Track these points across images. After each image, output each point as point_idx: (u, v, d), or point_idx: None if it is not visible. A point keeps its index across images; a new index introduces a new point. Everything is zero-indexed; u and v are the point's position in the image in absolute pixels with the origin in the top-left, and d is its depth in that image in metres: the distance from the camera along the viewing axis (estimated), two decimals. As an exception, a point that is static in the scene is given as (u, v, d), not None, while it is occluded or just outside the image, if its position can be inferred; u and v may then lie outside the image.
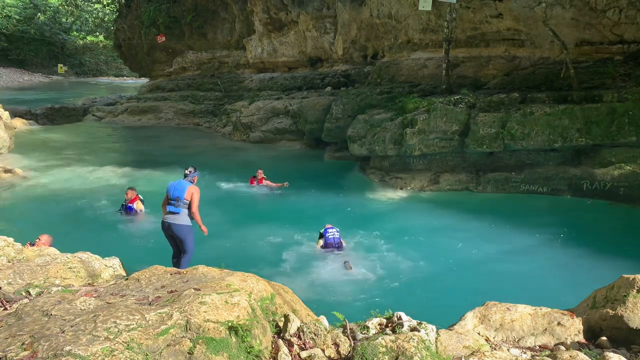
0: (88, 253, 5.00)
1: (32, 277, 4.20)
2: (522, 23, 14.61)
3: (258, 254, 8.66)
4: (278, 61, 24.36)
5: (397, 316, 3.65)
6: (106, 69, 64.11)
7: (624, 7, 12.84)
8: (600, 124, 11.66)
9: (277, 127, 19.84)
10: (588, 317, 3.88)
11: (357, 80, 20.77)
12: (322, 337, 3.32)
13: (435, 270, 8.10)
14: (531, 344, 3.68)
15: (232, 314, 3.04)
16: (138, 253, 8.17)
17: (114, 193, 12.54)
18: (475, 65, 16.09)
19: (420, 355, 2.95)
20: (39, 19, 55.84)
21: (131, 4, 30.21)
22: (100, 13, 60.05)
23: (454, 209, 11.29)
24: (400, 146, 13.11)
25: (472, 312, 3.95)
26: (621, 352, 3.38)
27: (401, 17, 17.45)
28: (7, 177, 13.45)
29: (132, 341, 2.66)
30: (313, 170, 15.62)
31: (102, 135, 23.31)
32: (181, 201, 6.65)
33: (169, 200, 6.71)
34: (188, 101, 26.73)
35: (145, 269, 3.95)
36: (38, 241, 7.26)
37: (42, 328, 2.82)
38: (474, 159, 13.00)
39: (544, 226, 9.88)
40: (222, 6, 26.22)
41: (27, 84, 48.65)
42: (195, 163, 8.49)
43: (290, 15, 22.23)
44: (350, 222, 10.47)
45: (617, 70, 13.22)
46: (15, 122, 21.84)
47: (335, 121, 16.69)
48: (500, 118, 12.49)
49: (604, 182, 11.46)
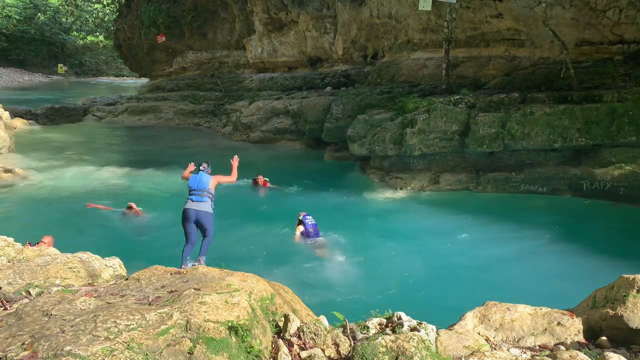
0: (88, 253, 5.00)
1: (32, 277, 4.20)
2: (522, 23, 14.61)
3: (258, 254, 8.66)
4: (278, 61, 24.37)
5: (397, 316, 3.66)
6: (106, 69, 64.11)
7: (624, 7, 12.84)
8: (600, 124, 11.66)
9: (277, 127, 19.85)
10: (588, 317, 3.88)
11: (357, 80, 20.77)
12: (322, 337, 3.32)
13: (435, 270, 8.10)
14: (531, 344, 3.68)
15: (232, 314, 3.04)
16: (138, 253, 8.17)
17: (114, 193, 12.56)
18: (475, 65, 16.08)
19: (420, 355, 2.95)
20: (39, 19, 55.84)
21: (131, 4, 30.22)
22: (100, 13, 60.05)
23: (454, 209, 11.28)
24: (400, 146, 13.11)
25: (472, 312, 3.95)
26: (621, 352, 3.38)
27: (401, 17, 17.45)
28: (7, 177, 13.45)
29: (132, 341, 2.66)
30: (313, 170, 15.62)
31: (102, 135, 23.30)
32: (207, 191, 7.14)
33: (193, 192, 7.14)
34: (188, 101, 26.74)
35: (145, 269, 3.95)
36: (41, 243, 7.29)
37: (42, 328, 2.82)
38: (474, 159, 13.00)
39: (544, 226, 9.87)
40: (222, 6, 26.22)
41: (27, 84, 48.65)
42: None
43: (290, 15, 22.23)
44: (351, 222, 10.47)
45: (617, 70, 13.22)
46: (16, 122, 21.84)
47: (335, 121, 16.69)
48: (500, 118, 12.49)
49: (604, 182, 11.46)
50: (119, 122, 26.67)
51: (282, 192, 12.88)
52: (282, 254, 8.60)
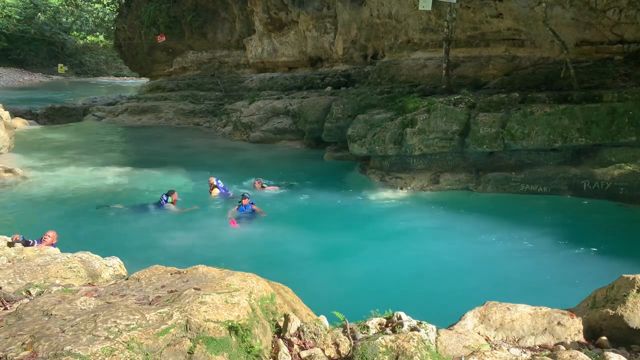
0: (88, 253, 4.99)
1: (32, 276, 4.20)
2: (522, 23, 14.61)
3: (258, 254, 8.66)
4: (278, 61, 24.37)
5: (397, 316, 3.65)
6: (106, 69, 64.11)
7: (624, 7, 12.84)
8: (600, 124, 11.66)
9: (277, 127, 19.84)
10: (588, 316, 3.88)
11: (357, 80, 20.77)
12: (322, 337, 3.32)
13: (435, 270, 8.10)
14: (531, 344, 3.68)
15: (232, 313, 3.04)
16: (138, 253, 8.17)
17: (114, 193, 12.56)
18: (475, 65, 16.08)
19: (420, 355, 2.95)
20: (39, 18, 55.85)
21: (131, 4, 30.22)
22: (100, 13, 60.07)
23: (454, 208, 11.28)
24: (400, 146, 13.11)
25: (472, 312, 3.95)
26: (621, 352, 3.38)
27: (401, 17, 17.45)
28: (7, 176, 13.45)
29: (132, 341, 2.66)
30: (313, 170, 15.61)
31: (102, 135, 23.29)
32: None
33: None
34: (188, 101, 26.74)
35: (145, 269, 3.94)
36: (46, 237, 7.32)
37: (43, 328, 2.82)
38: (474, 159, 13.00)
39: (544, 226, 9.87)
40: (222, 6, 26.23)
41: (28, 83, 48.65)
42: (196, 163, 8.49)
43: (290, 15, 22.24)
44: (351, 221, 10.47)
45: (617, 70, 13.22)
46: (16, 122, 21.85)
47: (335, 121, 16.69)
48: (500, 118, 12.49)
49: (604, 182, 11.46)
50: (119, 122, 26.67)
51: (282, 192, 12.88)
52: (282, 254, 8.60)
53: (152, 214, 10.75)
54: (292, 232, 9.66)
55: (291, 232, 9.62)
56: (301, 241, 9.25)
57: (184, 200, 11.55)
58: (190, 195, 12.26)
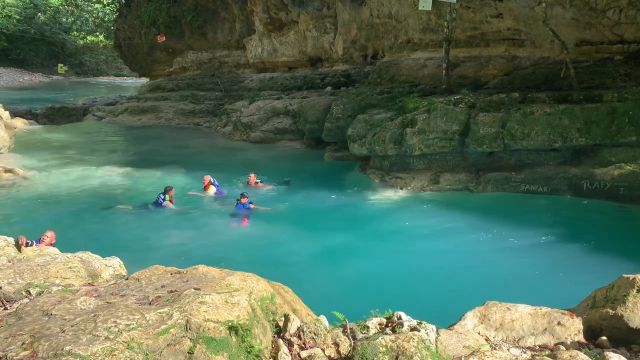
0: (88, 253, 4.99)
1: (32, 276, 4.20)
2: (522, 23, 14.61)
3: (258, 254, 8.66)
4: (278, 61, 24.37)
5: (397, 316, 3.65)
6: (106, 69, 64.11)
7: (624, 7, 12.84)
8: (600, 124, 11.66)
9: (277, 127, 19.84)
10: (588, 316, 3.88)
11: (357, 80, 20.77)
12: (322, 337, 3.32)
13: (435, 270, 8.10)
14: (531, 344, 3.68)
15: (232, 313, 3.04)
16: (138, 253, 8.17)
17: (114, 193, 12.55)
18: (475, 65, 16.08)
19: (420, 355, 2.95)
20: (39, 18, 55.84)
21: (131, 4, 30.22)
22: (100, 13, 60.05)
23: (454, 208, 11.28)
24: (400, 146, 13.11)
25: (472, 312, 3.95)
26: (621, 352, 3.38)
27: (401, 17, 17.45)
28: (7, 176, 13.45)
29: (132, 341, 2.66)
30: (313, 170, 15.62)
31: (102, 135, 23.29)
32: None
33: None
34: (188, 101, 26.73)
35: (145, 269, 3.94)
36: (44, 237, 7.32)
37: (43, 328, 2.82)
38: (474, 159, 13.00)
39: (544, 226, 9.87)
40: (222, 6, 26.23)
41: (28, 83, 48.64)
42: (196, 163, 8.49)
43: (290, 15, 22.24)
44: (351, 221, 10.47)
45: (617, 70, 13.22)
46: (16, 122, 21.84)
47: (335, 121, 16.69)
48: (500, 118, 12.49)
49: (604, 182, 11.46)
50: (119, 122, 26.67)
51: (282, 192, 12.88)
52: (282, 254, 8.59)
53: (152, 214, 10.75)
54: (292, 232, 9.66)
55: (291, 232, 9.62)
56: (301, 241, 9.25)
57: (184, 201, 11.56)
58: (190, 195, 12.27)
